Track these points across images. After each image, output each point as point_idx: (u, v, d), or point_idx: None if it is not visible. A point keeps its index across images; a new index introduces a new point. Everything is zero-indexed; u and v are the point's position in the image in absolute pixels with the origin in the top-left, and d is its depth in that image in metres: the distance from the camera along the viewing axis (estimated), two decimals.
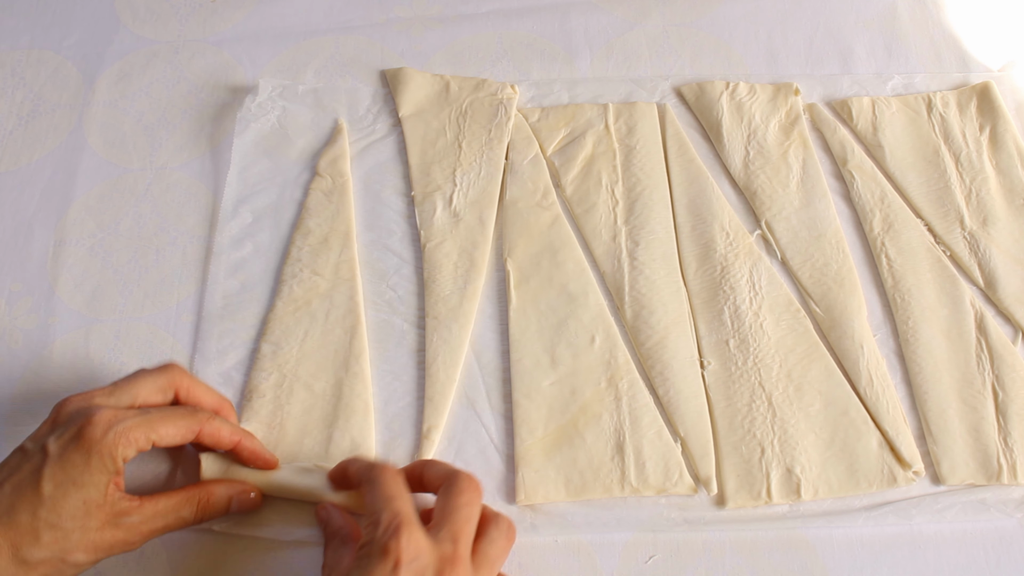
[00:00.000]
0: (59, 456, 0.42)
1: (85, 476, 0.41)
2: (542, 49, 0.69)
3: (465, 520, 0.42)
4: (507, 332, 0.56)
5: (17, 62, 0.68)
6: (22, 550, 0.40)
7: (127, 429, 0.42)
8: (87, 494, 0.41)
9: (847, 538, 0.49)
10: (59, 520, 0.41)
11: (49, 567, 0.41)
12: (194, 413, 0.46)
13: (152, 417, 0.44)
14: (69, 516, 0.41)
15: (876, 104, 0.65)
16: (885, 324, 0.56)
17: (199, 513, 0.46)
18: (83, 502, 0.41)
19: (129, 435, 0.42)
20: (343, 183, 0.61)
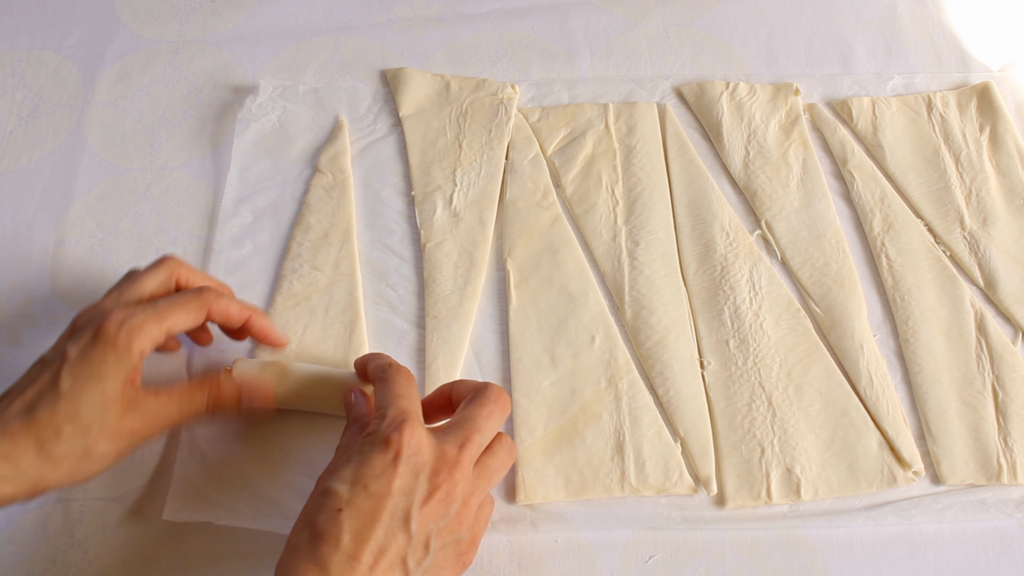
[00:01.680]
0: (78, 357, 0.43)
1: (103, 370, 0.43)
2: (542, 49, 0.69)
3: (477, 429, 0.43)
4: (507, 332, 0.56)
5: (17, 62, 0.68)
6: (46, 446, 0.41)
7: (140, 322, 0.44)
8: (105, 387, 0.43)
9: (847, 538, 0.49)
10: (78, 413, 0.42)
11: (73, 461, 0.42)
12: (200, 295, 0.47)
13: (161, 307, 0.45)
14: (88, 409, 0.42)
15: (876, 104, 0.65)
16: (885, 324, 0.56)
17: (211, 402, 0.47)
18: (101, 395, 0.42)
19: (143, 328, 0.44)
20: (344, 179, 0.61)
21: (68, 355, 0.43)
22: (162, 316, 0.45)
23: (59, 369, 0.43)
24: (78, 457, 0.42)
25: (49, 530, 0.49)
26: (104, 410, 0.43)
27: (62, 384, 0.42)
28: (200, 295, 0.47)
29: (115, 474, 0.51)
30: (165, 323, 0.45)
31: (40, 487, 0.42)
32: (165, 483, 0.50)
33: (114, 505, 0.50)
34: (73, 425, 0.42)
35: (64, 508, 0.50)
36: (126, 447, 0.44)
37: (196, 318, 0.47)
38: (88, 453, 0.42)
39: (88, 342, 0.43)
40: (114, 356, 0.43)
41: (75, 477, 0.43)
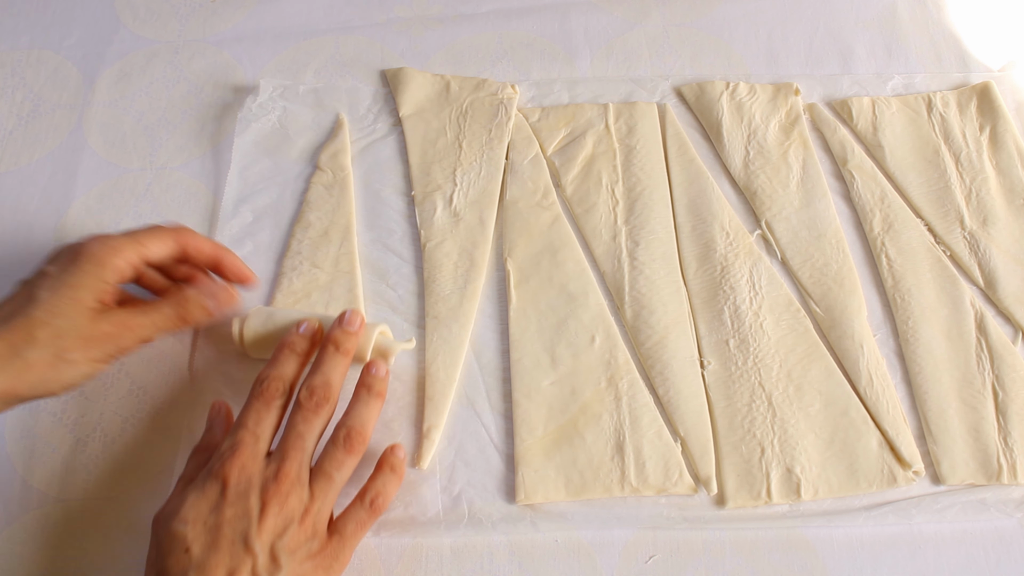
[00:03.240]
0: (57, 272, 0.46)
1: (77, 278, 0.45)
2: (542, 49, 0.69)
3: (297, 436, 0.45)
4: (507, 332, 0.56)
5: (17, 62, 0.68)
6: (20, 351, 0.43)
7: (118, 243, 0.47)
8: (79, 295, 0.45)
9: (847, 538, 0.49)
10: (51, 318, 0.44)
11: (46, 365, 0.44)
12: (178, 228, 0.50)
13: (139, 234, 0.48)
14: (62, 314, 0.44)
15: (876, 104, 0.65)
16: (885, 324, 0.56)
17: (180, 311, 0.49)
18: (74, 301, 0.45)
19: (120, 248, 0.47)
20: (344, 177, 0.61)
21: (47, 271, 0.46)
22: (139, 241, 0.48)
23: (37, 283, 0.45)
24: (50, 361, 0.44)
25: (49, 530, 0.49)
26: (77, 315, 0.45)
27: (38, 294, 0.45)
28: (178, 230, 0.50)
29: (115, 474, 0.51)
30: (142, 248, 0.47)
31: (13, 392, 0.43)
32: (165, 483, 0.50)
33: (114, 505, 0.50)
34: (46, 329, 0.44)
35: (64, 508, 0.50)
36: (98, 354, 0.46)
37: (172, 249, 0.49)
38: (61, 357, 0.44)
39: (67, 259, 0.46)
40: (91, 268, 0.45)
41: (48, 384, 0.44)
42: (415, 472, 0.51)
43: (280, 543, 0.41)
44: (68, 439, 0.52)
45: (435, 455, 0.51)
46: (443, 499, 0.50)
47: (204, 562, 0.40)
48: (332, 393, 0.46)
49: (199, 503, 0.42)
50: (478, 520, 0.49)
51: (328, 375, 0.47)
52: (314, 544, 0.43)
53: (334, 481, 0.45)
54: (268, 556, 0.41)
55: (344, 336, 0.48)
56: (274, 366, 0.47)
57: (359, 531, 0.45)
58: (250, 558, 0.41)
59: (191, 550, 0.40)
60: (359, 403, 0.47)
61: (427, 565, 0.48)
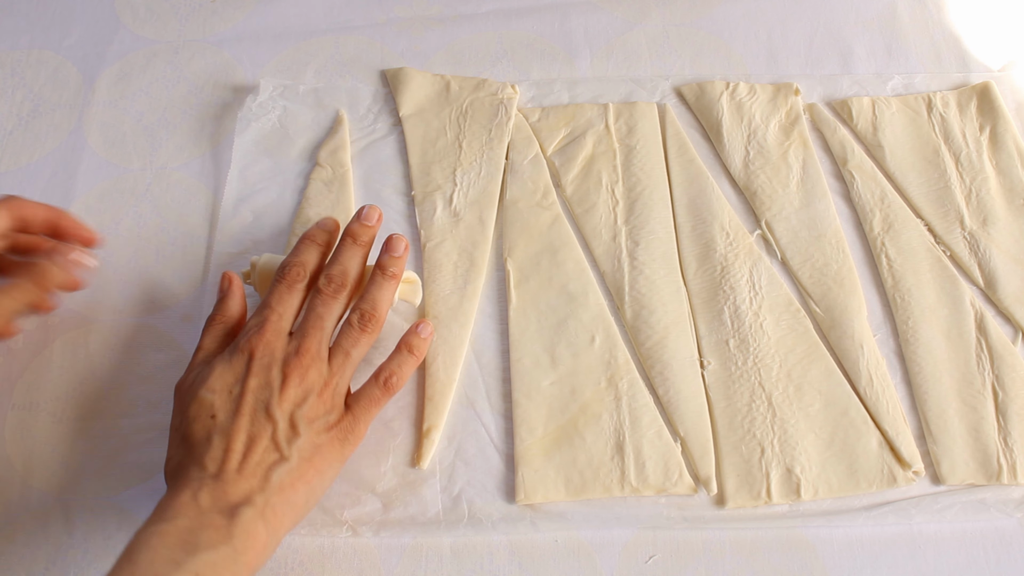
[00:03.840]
0: None
1: None
2: (542, 49, 0.69)
3: (316, 317, 0.48)
4: (507, 332, 0.56)
5: (17, 62, 0.68)
6: None
7: None
8: None
9: (847, 538, 0.49)
10: None
11: None
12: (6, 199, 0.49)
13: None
14: None
15: (876, 104, 0.65)
16: (885, 324, 0.56)
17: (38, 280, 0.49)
18: None
19: None
20: (343, 173, 0.61)
21: None
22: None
23: None
24: None
25: (49, 530, 0.49)
26: None
27: None
28: (5, 199, 0.49)
29: (115, 474, 0.51)
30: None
31: None
32: None
33: (114, 505, 0.50)
34: None
35: (64, 508, 0.50)
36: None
37: (6, 221, 0.49)
38: None
39: None
40: None
41: None
42: (415, 472, 0.51)
43: (299, 412, 0.45)
44: (68, 439, 0.52)
45: (435, 455, 0.51)
46: (443, 499, 0.50)
47: (228, 427, 0.43)
48: (349, 280, 0.49)
49: (226, 374, 0.45)
50: (478, 520, 0.49)
51: (346, 264, 0.50)
52: (331, 416, 0.46)
53: (351, 358, 0.48)
54: (288, 423, 0.44)
55: (361, 229, 0.51)
56: (296, 254, 0.50)
57: (372, 407, 0.48)
58: (271, 424, 0.44)
59: (216, 416, 0.44)
60: (373, 286, 0.50)
61: (427, 565, 0.48)
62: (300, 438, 0.44)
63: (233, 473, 0.42)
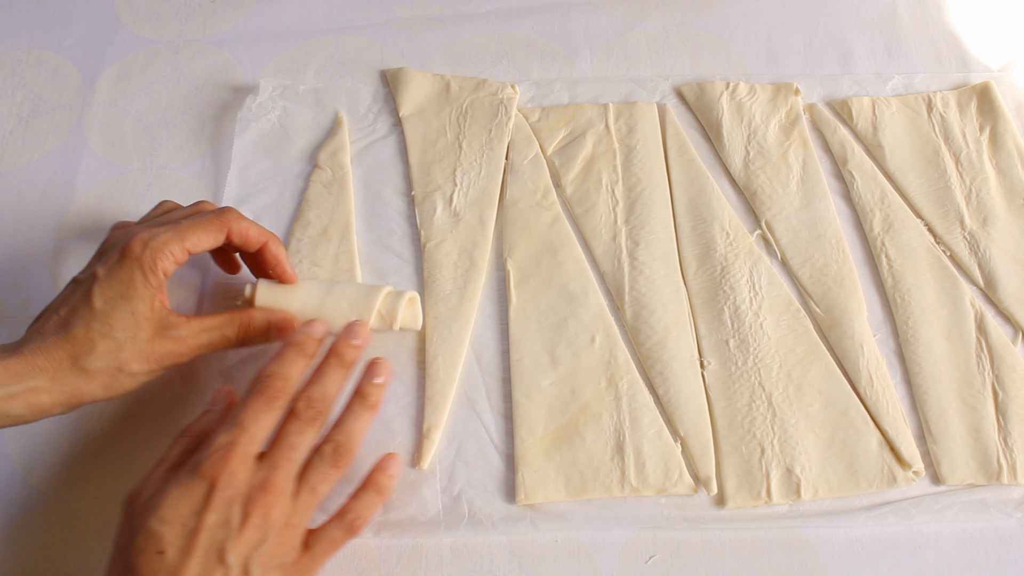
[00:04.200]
0: (106, 276, 0.46)
1: (131, 290, 0.46)
2: (542, 49, 0.69)
3: (289, 447, 0.43)
4: (507, 332, 0.56)
5: (17, 62, 0.68)
6: (80, 359, 0.44)
7: (163, 243, 0.46)
8: (134, 306, 0.46)
9: (847, 538, 0.49)
10: (111, 331, 0.45)
11: (107, 376, 0.45)
12: (222, 213, 0.49)
13: (182, 227, 0.48)
14: (120, 327, 0.45)
15: (876, 104, 0.65)
16: (885, 324, 0.56)
17: (241, 333, 0.49)
18: (131, 313, 0.46)
19: (164, 248, 0.46)
20: (343, 175, 0.61)
21: (98, 275, 0.46)
22: (182, 236, 0.47)
23: (91, 288, 0.46)
24: (112, 372, 0.45)
25: (49, 530, 0.49)
26: (136, 329, 0.46)
27: (95, 302, 0.45)
28: (221, 214, 0.49)
29: (115, 474, 0.51)
30: (186, 243, 0.47)
31: (76, 399, 0.45)
32: None
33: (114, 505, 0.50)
34: (106, 341, 0.45)
35: (64, 508, 0.50)
36: (157, 367, 0.47)
37: (216, 238, 0.49)
38: (121, 369, 0.45)
39: (115, 262, 0.46)
40: (140, 276, 0.46)
41: (110, 391, 0.46)
42: (415, 472, 0.51)
43: (255, 555, 0.40)
44: (68, 439, 0.52)
45: (435, 455, 0.51)
46: (443, 499, 0.50)
47: (176, 568, 0.39)
48: (328, 407, 0.45)
49: (180, 503, 0.40)
50: (478, 520, 0.49)
51: (327, 388, 0.46)
52: (288, 556, 0.42)
53: (317, 494, 0.44)
54: (240, 569, 0.40)
55: (348, 349, 0.48)
56: (280, 364, 0.45)
57: (331, 549, 0.45)
58: (222, 570, 0.40)
59: (166, 553, 0.39)
60: (351, 416, 0.47)
61: (427, 565, 0.48)
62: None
63: None
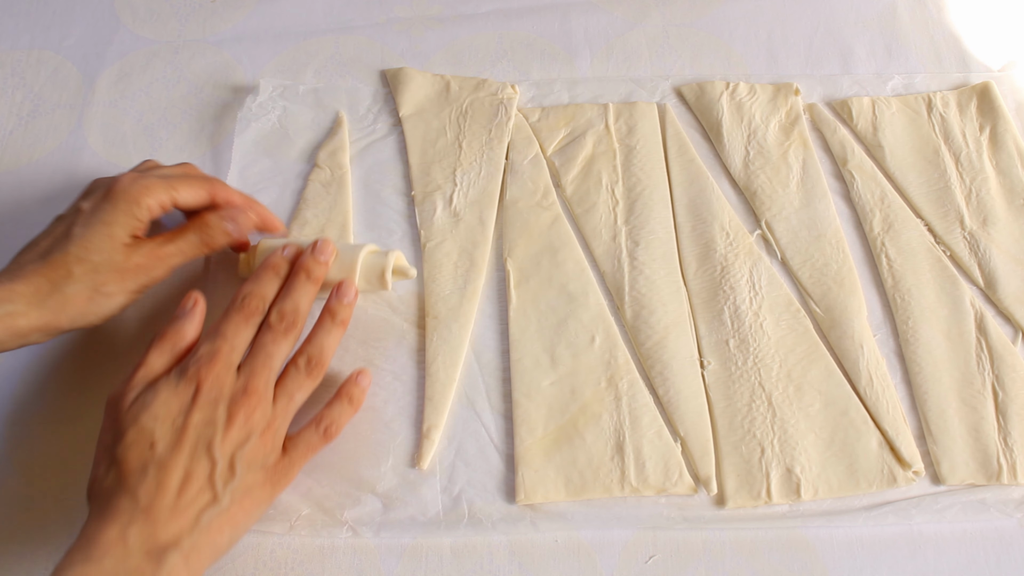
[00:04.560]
0: (91, 209, 0.49)
1: (111, 216, 0.48)
2: (542, 49, 0.69)
3: (267, 356, 0.46)
4: (507, 332, 0.56)
5: (17, 62, 0.68)
6: (59, 285, 0.46)
7: (150, 184, 0.50)
8: (113, 231, 0.48)
9: (847, 538, 0.49)
10: (88, 254, 0.47)
11: (84, 299, 0.47)
12: (209, 178, 0.53)
13: (172, 179, 0.51)
14: (96, 249, 0.47)
15: (876, 104, 0.65)
16: (885, 324, 0.56)
17: (203, 237, 0.52)
18: (109, 237, 0.48)
19: (152, 188, 0.49)
20: (341, 175, 0.61)
21: (82, 208, 0.49)
22: (172, 186, 0.50)
23: (73, 221, 0.48)
24: (88, 295, 0.47)
25: (49, 530, 0.49)
26: (112, 252, 0.48)
27: (74, 231, 0.48)
28: (209, 179, 0.53)
29: None
30: (173, 192, 0.50)
31: (55, 324, 0.47)
32: None
33: None
34: (83, 265, 0.47)
35: (64, 508, 0.50)
36: (132, 286, 0.49)
37: (202, 198, 0.52)
38: (98, 290, 0.47)
39: (101, 196, 0.49)
40: (124, 206, 0.48)
41: (87, 316, 0.48)
42: (415, 472, 0.51)
43: (240, 453, 0.44)
44: (68, 439, 0.52)
45: (435, 455, 0.51)
46: (443, 499, 0.50)
47: (166, 460, 0.42)
48: (300, 318, 0.48)
49: (170, 402, 0.43)
50: (478, 520, 0.49)
51: (297, 301, 0.49)
52: (269, 458, 0.45)
53: (294, 401, 0.47)
54: (227, 464, 0.43)
55: (314, 264, 0.50)
56: (256, 283, 0.49)
57: (308, 453, 0.48)
58: (209, 464, 0.43)
59: (155, 446, 0.42)
60: (321, 330, 0.49)
61: (427, 565, 0.48)
62: (236, 480, 0.43)
63: (164, 510, 0.41)
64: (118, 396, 0.45)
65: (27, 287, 0.46)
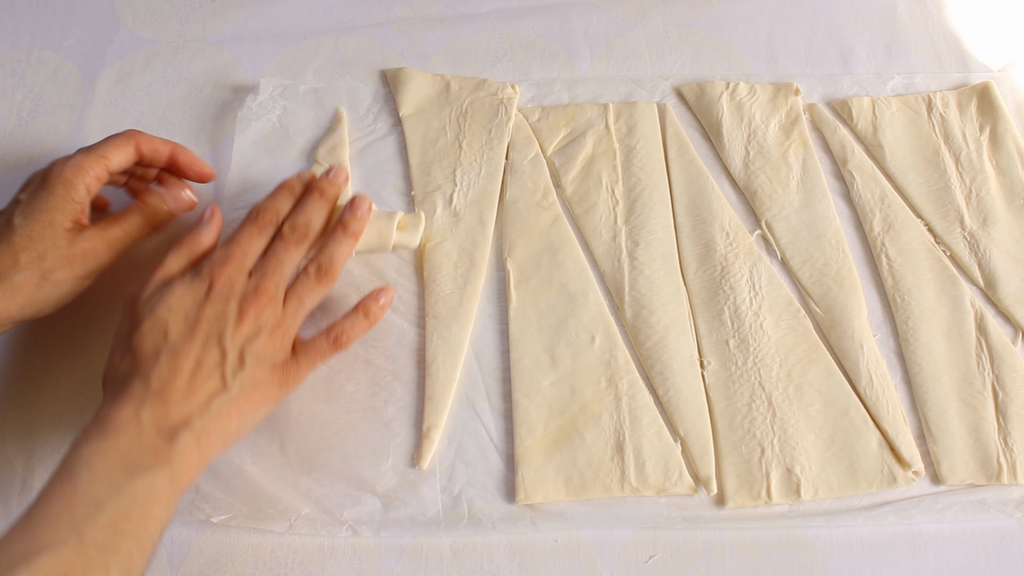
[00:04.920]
0: (28, 199, 0.49)
1: (51, 202, 0.48)
2: (542, 49, 0.69)
3: (277, 261, 0.49)
4: (507, 332, 0.56)
5: (17, 62, 0.68)
6: (6, 275, 0.47)
7: (80, 162, 0.50)
8: (54, 217, 0.48)
9: (847, 538, 0.49)
10: (31, 243, 0.47)
11: (32, 286, 0.47)
12: (127, 132, 0.53)
13: (98, 147, 0.51)
14: (39, 237, 0.48)
15: (876, 104, 0.65)
16: (885, 324, 0.56)
17: (147, 216, 0.53)
18: (50, 223, 0.48)
19: (83, 166, 0.50)
20: None
21: (20, 199, 0.49)
22: (99, 154, 0.51)
23: (12, 211, 0.49)
24: (36, 283, 0.47)
25: None
26: (55, 238, 0.48)
27: (15, 221, 0.48)
28: (127, 133, 0.53)
29: None
30: (104, 160, 0.50)
31: (5, 315, 0.47)
32: None
33: None
34: (27, 253, 0.47)
35: None
36: (81, 272, 0.49)
37: (128, 152, 0.52)
38: (45, 277, 0.48)
39: (37, 185, 0.49)
40: (62, 190, 0.49)
41: (37, 304, 0.48)
42: (415, 472, 0.51)
43: (249, 347, 0.46)
44: (68, 439, 0.52)
45: (435, 455, 0.51)
46: (443, 499, 0.50)
47: (179, 347, 0.44)
48: (311, 231, 0.50)
49: (185, 296, 0.46)
50: (478, 520, 0.49)
51: (309, 215, 0.51)
52: (278, 356, 0.47)
53: (304, 305, 0.49)
54: (237, 355, 0.45)
55: (328, 185, 0.53)
56: (272, 200, 0.51)
57: (317, 359, 0.49)
58: (220, 353, 0.45)
59: (169, 335, 0.44)
60: (332, 240, 0.51)
61: (427, 565, 0.49)
62: (245, 371, 0.45)
63: (176, 393, 0.43)
64: (136, 293, 0.47)
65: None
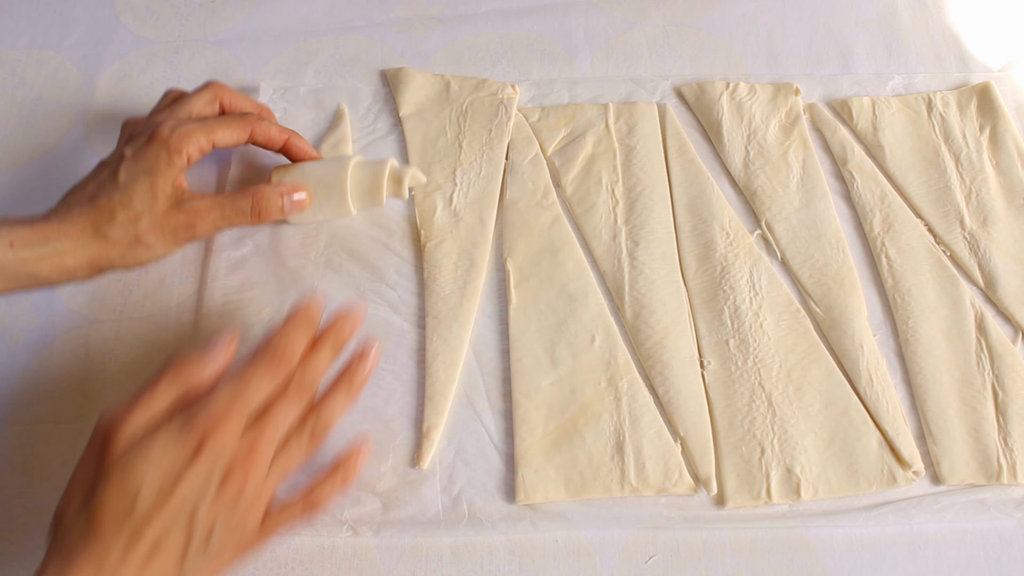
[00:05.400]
0: (133, 155, 0.50)
1: (155, 166, 0.49)
2: (542, 49, 0.69)
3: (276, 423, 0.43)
4: (507, 332, 0.56)
5: (17, 62, 0.68)
6: (102, 227, 0.48)
7: (190, 131, 0.51)
8: (155, 180, 0.49)
9: (847, 538, 0.49)
10: (131, 202, 0.49)
11: (125, 244, 0.49)
12: (245, 116, 0.54)
13: (209, 123, 0.52)
14: (139, 198, 0.49)
15: (876, 104, 0.65)
16: (885, 324, 0.56)
17: (255, 205, 0.52)
18: (151, 187, 0.49)
19: (192, 135, 0.51)
20: None
21: (125, 154, 0.50)
22: (210, 130, 0.52)
23: (117, 166, 0.50)
24: (129, 242, 0.49)
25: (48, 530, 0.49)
26: (153, 202, 0.49)
27: (119, 177, 0.49)
28: (245, 118, 0.54)
29: None
30: (212, 136, 0.52)
31: (98, 264, 0.49)
32: None
33: None
34: (126, 211, 0.48)
35: None
36: (171, 240, 0.50)
37: (240, 137, 0.53)
38: (138, 239, 0.49)
39: (143, 143, 0.50)
40: (166, 155, 0.50)
41: (127, 260, 0.50)
42: (415, 472, 0.51)
43: (221, 523, 0.41)
44: (68, 439, 0.52)
45: (435, 455, 0.51)
46: (443, 499, 0.50)
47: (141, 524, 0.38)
48: (316, 387, 0.46)
49: (166, 454, 0.39)
50: (478, 520, 0.49)
51: (319, 370, 0.46)
52: (247, 533, 0.43)
53: (286, 475, 0.44)
54: (204, 534, 0.40)
55: (342, 334, 0.48)
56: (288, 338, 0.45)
57: (286, 532, 0.45)
58: (185, 536, 0.40)
59: (136, 506, 0.39)
60: (333, 400, 0.46)
61: (427, 565, 0.49)
62: (208, 550, 0.41)
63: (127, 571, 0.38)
64: (112, 424, 0.40)
65: (74, 227, 0.48)
